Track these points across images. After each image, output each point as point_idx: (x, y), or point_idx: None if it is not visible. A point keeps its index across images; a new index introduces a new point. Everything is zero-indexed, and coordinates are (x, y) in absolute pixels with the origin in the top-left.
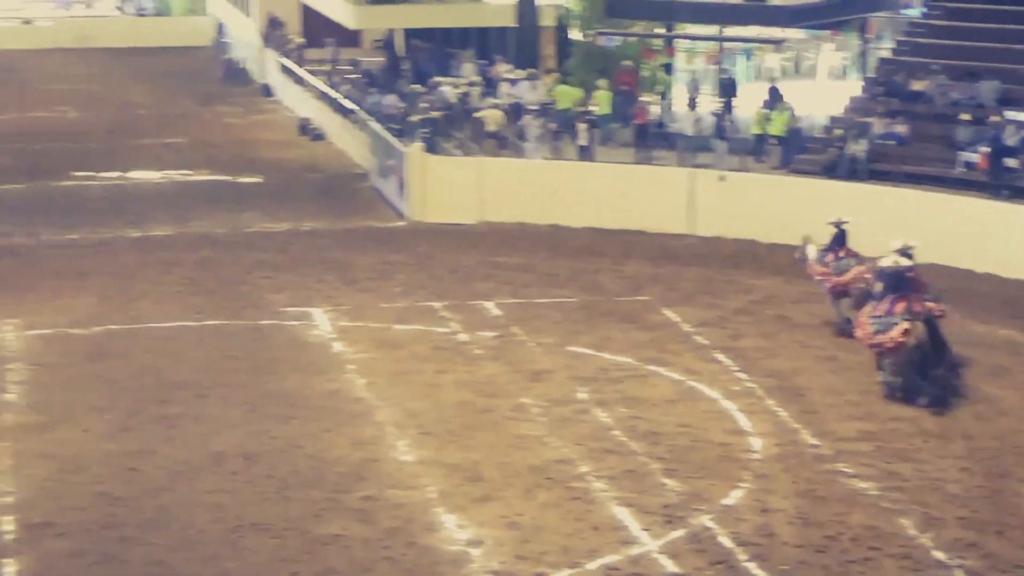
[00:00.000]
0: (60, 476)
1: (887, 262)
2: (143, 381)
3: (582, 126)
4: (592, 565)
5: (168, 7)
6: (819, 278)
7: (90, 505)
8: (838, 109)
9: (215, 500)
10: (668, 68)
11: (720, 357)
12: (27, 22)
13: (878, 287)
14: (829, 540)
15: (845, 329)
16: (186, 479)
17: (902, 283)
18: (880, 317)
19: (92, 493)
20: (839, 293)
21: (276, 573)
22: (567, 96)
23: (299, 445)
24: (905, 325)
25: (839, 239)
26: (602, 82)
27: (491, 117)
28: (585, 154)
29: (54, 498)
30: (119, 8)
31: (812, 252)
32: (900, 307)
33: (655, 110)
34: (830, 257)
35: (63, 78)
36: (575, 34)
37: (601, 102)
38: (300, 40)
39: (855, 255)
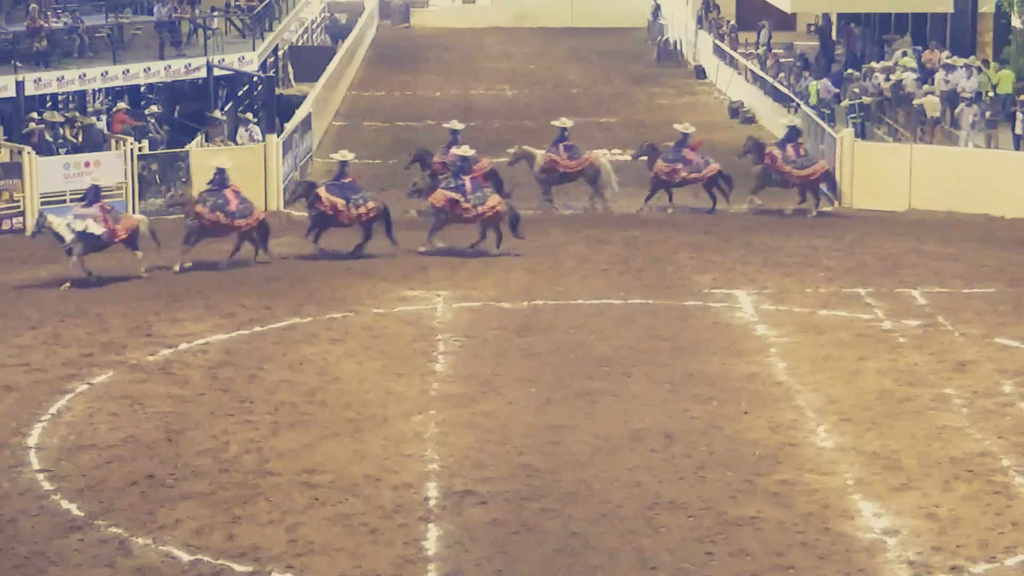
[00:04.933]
0: (483, 446)
1: None
2: (567, 356)
3: (1020, 114)
4: (1011, 561)
5: None
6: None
7: (511, 475)
8: None
9: (633, 477)
10: None
11: None
12: (469, 1)
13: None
14: None
15: None
16: (606, 454)
17: None
18: None
19: (514, 464)
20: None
21: (690, 551)
22: (1007, 81)
23: (718, 426)
24: None
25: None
26: None
27: (928, 104)
28: (1021, 143)
29: (477, 467)
30: None
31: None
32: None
33: None
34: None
35: (501, 56)
36: (1015, 21)
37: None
38: (734, 22)
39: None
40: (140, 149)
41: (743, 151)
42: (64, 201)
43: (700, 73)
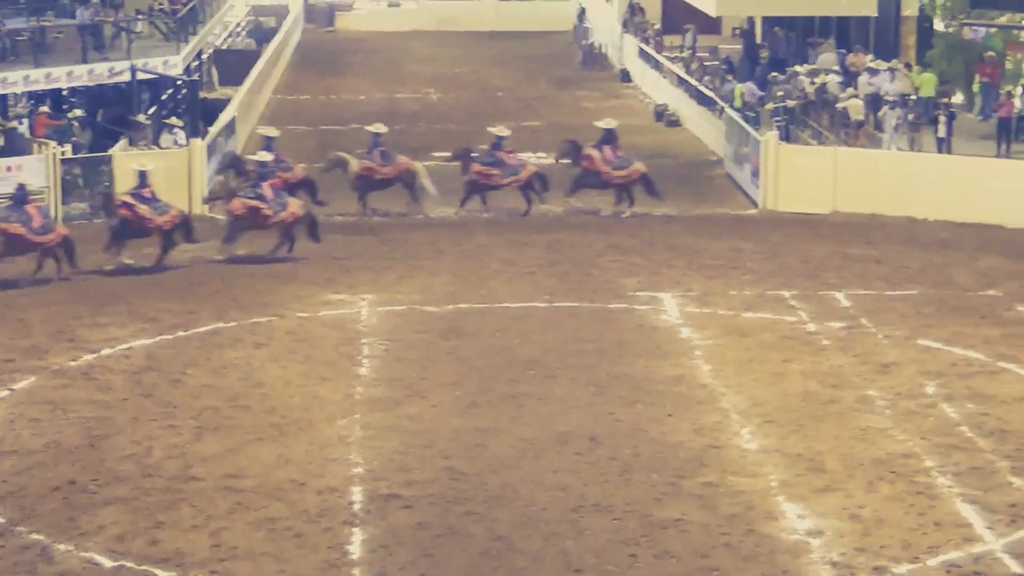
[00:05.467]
0: (408, 450)
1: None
2: (493, 359)
3: (942, 118)
4: (933, 561)
5: None
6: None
7: (436, 479)
8: None
9: (558, 480)
10: None
11: None
12: (394, 4)
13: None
14: None
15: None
16: (531, 457)
17: None
18: None
19: (439, 468)
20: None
21: (615, 554)
22: (929, 84)
23: (643, 429)
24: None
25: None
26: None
27: (852, 107)
28: (943, 146)
29: (401, 471)
30: None
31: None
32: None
33: (1017, 104)
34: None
35: (426, 60)
36: (938, 24)
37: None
38: (659, 26)
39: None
40: (63, 153)
41: (560, 154)
42: None
43: (625, 77)
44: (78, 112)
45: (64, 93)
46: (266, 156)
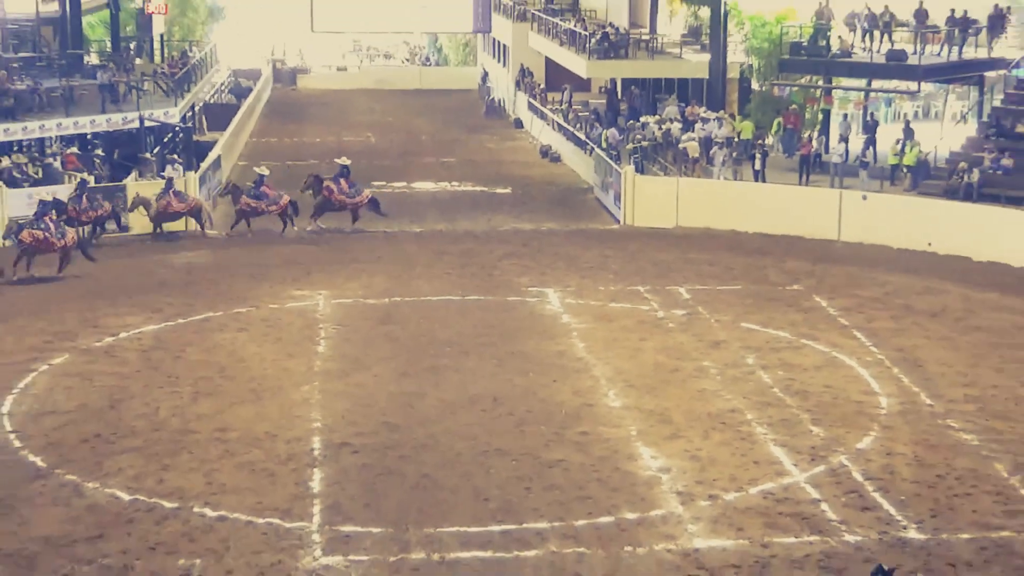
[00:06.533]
0: (355, 408)
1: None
2: (419, 340)
3: (758, 155)
4: (754, 490)
5: (446, 59)
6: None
7: (377, 431)
8: (957, 146)
9: (470, 431)
10: (826, 112)
11: (857, 335)
12: (342, 69)
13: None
14: (938, 478)
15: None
16: (449, 415)
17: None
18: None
19: (379, 422)
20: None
21: (514, 487)
22: (748, 129)
23: (533, 392)
24: None
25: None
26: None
27: (690, 147)
28: (759, 176)
29: (350, 425)
30: (408, 60)
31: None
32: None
33: (815, 144)
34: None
35: (366, 111)
36: (755, 84)
37: (745, 130)
38: (543, 85)
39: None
40: (87, 183)
41: (304, 187)
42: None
43: (518, 124)
44: (99, 151)
45: (88, 136)
46: (47, 195)
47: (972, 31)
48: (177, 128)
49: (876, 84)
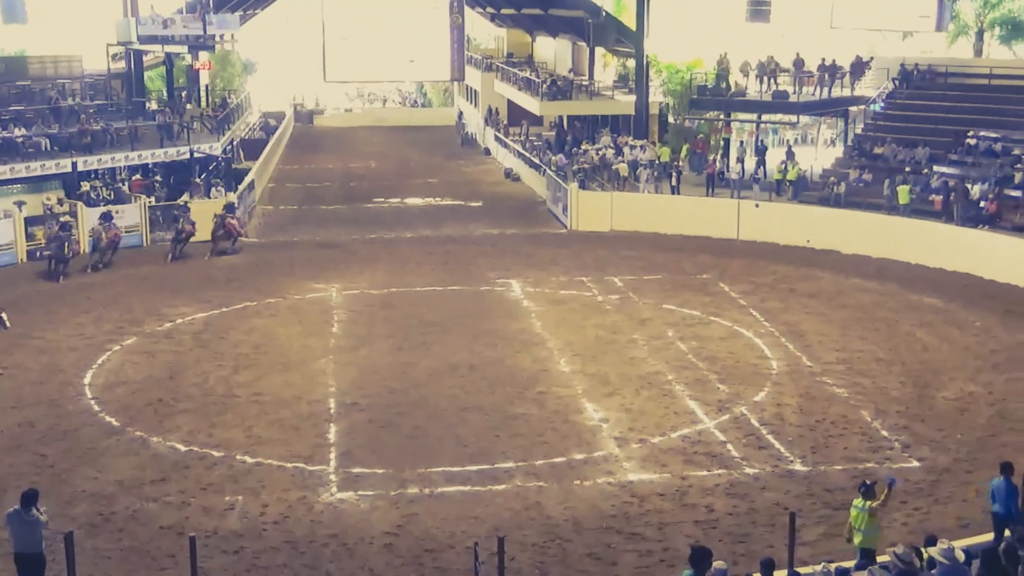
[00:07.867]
0: (362, 376)
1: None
2: (411, 321)
3: (674, 174)
4: (674, 435)
5: (429, 102)
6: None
7: (379, 393)
8: (829, 164)
9: (452, 392)
10: (727, 139)
11: (754, 312)
12: (348, 110)
13: None
14: (817, 423)
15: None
16: (436, 379)
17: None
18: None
19: (380, 386)
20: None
21: (487, 436)
22: (666, 154)
23: (501, 360)
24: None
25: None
26: (674, 146)
27: (621, 168)
28: (675, 191)
29: (358, 388)
30: (399, 103)
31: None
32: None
33: (718, 164)
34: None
35: (367, 143)
36: (671, 118)
37: (664, 154)
38: (506, 121)
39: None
40: (149, 202)
41: (214, 228)
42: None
43: (487, 152)
44: (158, 177)
45: (149, 166)
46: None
47: (839, 75)
48: (220, 158)
49: (765, 117)
